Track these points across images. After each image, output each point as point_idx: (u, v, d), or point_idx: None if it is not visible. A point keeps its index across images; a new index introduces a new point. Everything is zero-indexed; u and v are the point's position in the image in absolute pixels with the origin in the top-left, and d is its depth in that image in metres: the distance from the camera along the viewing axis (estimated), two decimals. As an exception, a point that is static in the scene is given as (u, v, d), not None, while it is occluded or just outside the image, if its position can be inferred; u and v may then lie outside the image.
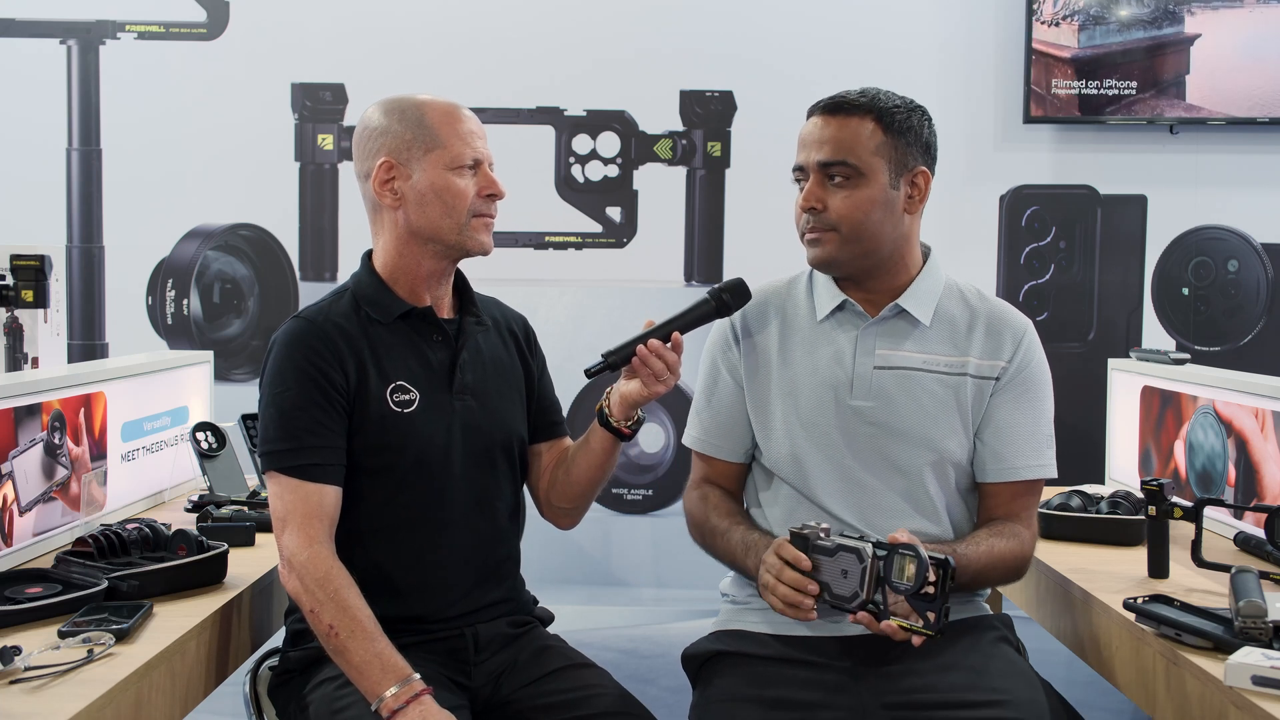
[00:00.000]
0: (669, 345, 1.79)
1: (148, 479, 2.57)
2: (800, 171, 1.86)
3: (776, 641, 1.83)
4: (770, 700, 1.75)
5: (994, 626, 1.86)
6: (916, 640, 1.58)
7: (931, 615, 1.56)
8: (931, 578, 1.55)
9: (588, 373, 1.82)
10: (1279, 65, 3.95)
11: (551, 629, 1.99)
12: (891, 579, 1.58)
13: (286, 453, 1.75)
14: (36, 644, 1.58)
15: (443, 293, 1.90)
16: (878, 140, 1.81)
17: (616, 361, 1.81)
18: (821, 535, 1.64)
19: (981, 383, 1.85)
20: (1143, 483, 2.04)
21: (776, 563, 1.67)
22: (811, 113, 1.87)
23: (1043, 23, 3.98)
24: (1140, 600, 1.76)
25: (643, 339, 1.79)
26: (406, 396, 1.82)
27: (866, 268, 1.86)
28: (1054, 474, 1.89)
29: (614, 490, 4.13)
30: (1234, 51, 3.96)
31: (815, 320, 1.90)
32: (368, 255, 1.90)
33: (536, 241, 4.13)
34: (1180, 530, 2.05)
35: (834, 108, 1.83)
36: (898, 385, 1.84)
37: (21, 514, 2.06)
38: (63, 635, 1.63)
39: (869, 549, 1.59)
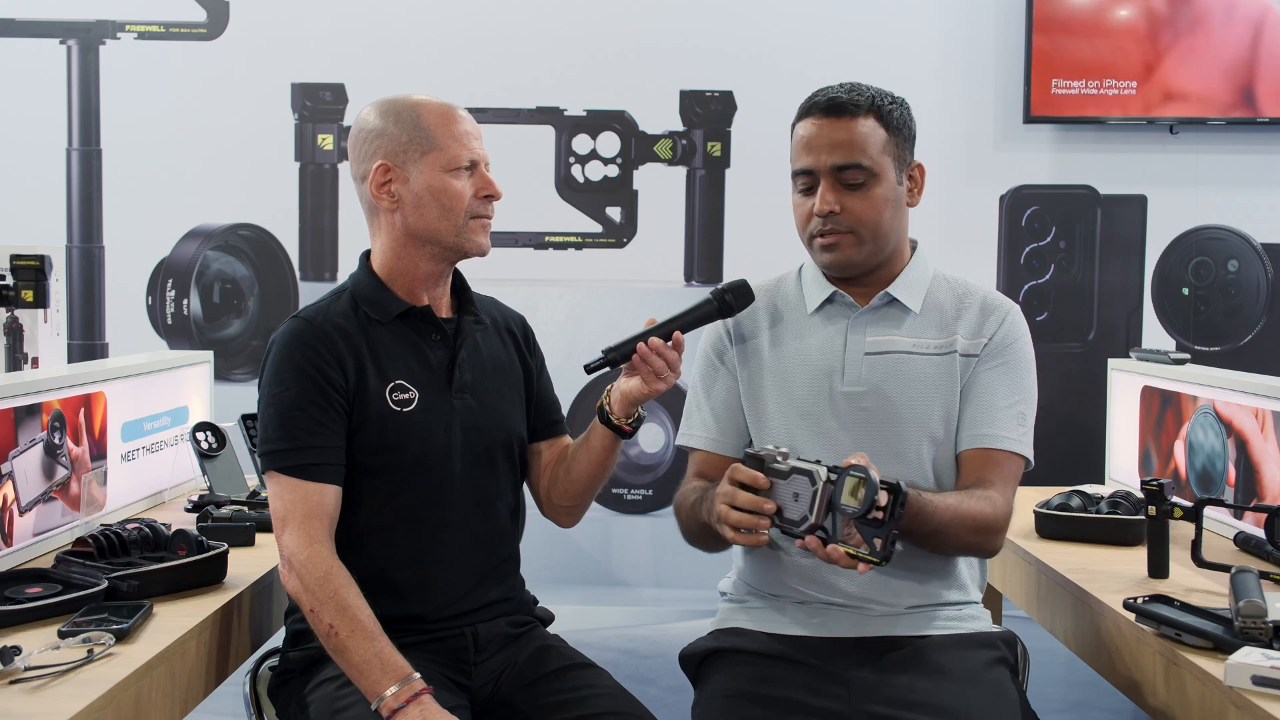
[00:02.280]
0: (670, 343, 1.79)
1: (148, 479, 2.57)
2: (807, 175, 1.84)
3: (771, 640, 1.84)
4: (763, 697, 1.75)
5: (994, 645, 1.84)
6: (862, 568, 1.51)
7: (878, 542, 1.49)
8: (881, 501, 1.49)
9: (587, 368, 1.81)
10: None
11: (551, 629, 1.99)
12: (840, 502, 1.50)
13: (286, 452, 1.75)
14: (36, 644, 1.58)
15: (441, 292, 1.90)
16: (883, 139, 1.82)
17: (616, 358, 1.81)
18: (779, 459, 1.58)
19: (968, 359, 1.86)
20: (1143, 483, 2.04)
21: (730, 488, 1.61)
22: (808, 113, 1.85)
23: None
24: (1140, 600, 1.76)
25: (644, 336, 1.79)
26: (405, 396, 1.82)
27: (873, 265, 1.87)
28: (1028, 454, 1.84)
29: (614, 490, 4.13)
30: None
31: (806, 313, 1.90)
32: (365, 255, 1.90)
33: (536, 241, 4.13)
34: (1180, 530, 2.05)
35: (835, 109, 1.82)
36: (888, 369, 1.84)
37: (21, 514, 2.06)
38: (63, 635, 1.63)
39: (822, 472, 1.53)
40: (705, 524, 1.75)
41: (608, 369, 1.82)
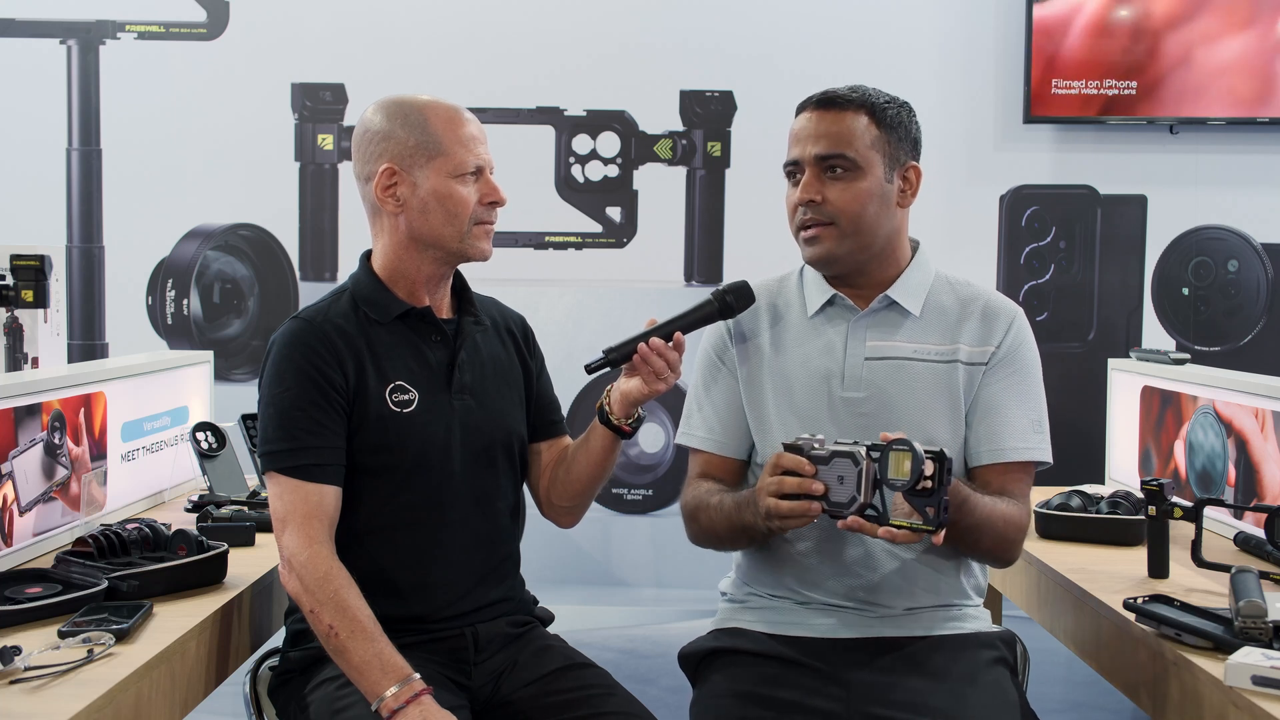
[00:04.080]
0: (670, 344, 1.79)
1: (148, 479, 2.57)
2: (794, 166, 1.85)
3: (772, 640, 1.84)
4: (761, 697, 1.75)
5: (994, 645, 1.84)
6: (913, 537, 1.54)
7: (931, 510, 1.52)
8: (928, 471, 1.52)
9: (588, 368, 1.81)
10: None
11: (551, 629, 1.99)
12: (888, 477, 1.54)
13: (286, 453, 1.75)
14: (36, 644, 1.58)
15: (441, 293, 1.90)
16: (873, 134, 1.81)
17: (617, 358, 1.81)
18: (816, 445, 1.60)
19: (972, 369, 1.85)
20: (1143, 483, 2.04)
21: (775, 478, 1.62)
22: (802, 108, 1.86)
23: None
24: (1140, 600, 1.76)
25: (644, 337, 1.79)
26: (405, 397, 1.82)
27: (861, 263, 1.86)
28: (1047, 458, 1.86)
29: (614, 490, 4.13)
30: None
31: (806, 316, 1.90)
32: (366, 256, 1.90)
33: (536, 241, 4.13)
34: (1180, 530, 2.05)
35: (826, 103, 1.83)
36: (889, 375, 1.84)
37: (21, 514, 2.06)
38: (63, 635, 1.63)
39: (863, 451, 1.56)
40: (742, 526, 1.77)
41: (608, 369, 1.82)
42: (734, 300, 1.85)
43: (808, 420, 1.84)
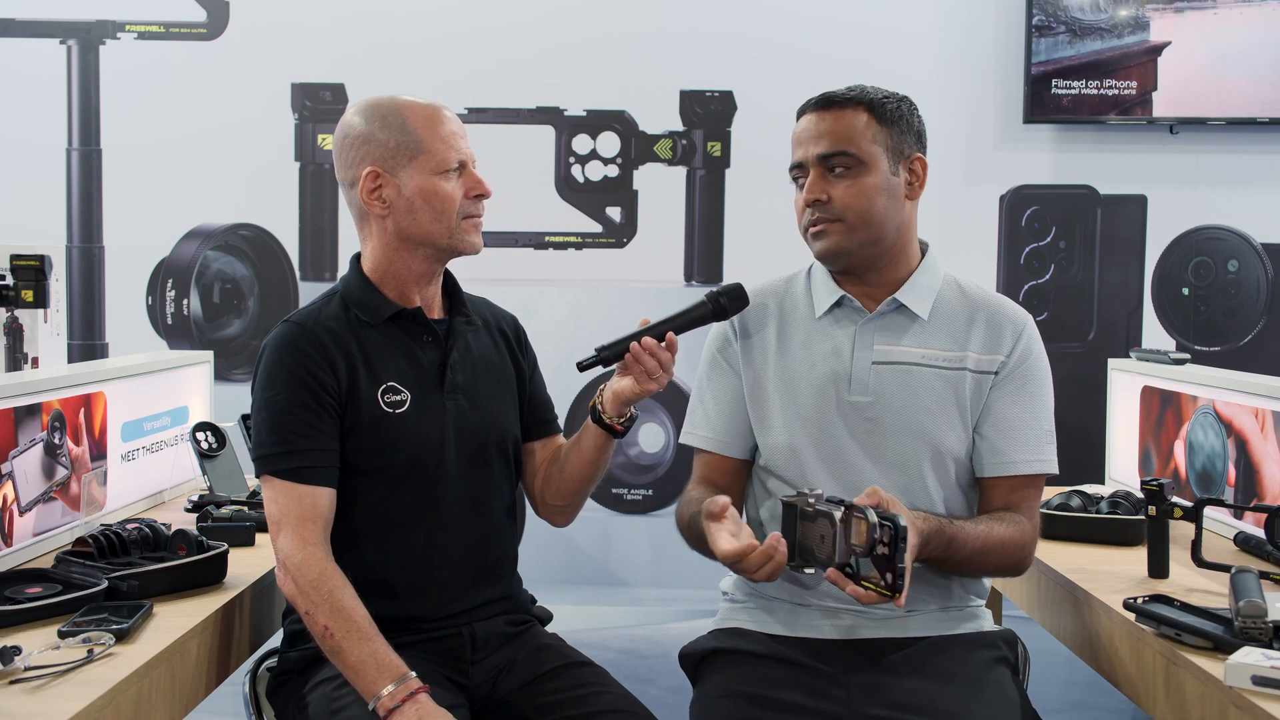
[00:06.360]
0: (663, 344, 1.79)
1: (148, 479, 2.57)
2: (799, 169, 1.86)
3: (772, 641, 1.84)
4: (761, 698, 1.75)
5: (995, 645, 1.84)
6: (877, 598, 1.55)
7: (889, 575, 1.54)
8: (884, 538, 1.54)
9: (580, 365, 1.81)
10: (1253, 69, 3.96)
11: (551, 629, 1.99)
12: (851, 542, 1.56)
13: (278, 456, 1.76)
14: (36, 644, 1.58)
15: (433, 293, 1.90)
16: (873, 130, 1.82)
17: (609, 357, 1.81)
18: (810, 502, 1.61)
19: (981, 377, 1.85)
20: (1143, 483, 2.04)
21: (754, 567, 1.61)
22: (802, 112, 1.87)
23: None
24: (1140, 600, 1.76)
25: (637, 336, 1.79)
26: (398, 398, 1.82)
27: (871, 257, 1.86)
28: (1054, 469, 1.87)
29: (614, 490, 4.13)
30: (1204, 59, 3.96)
31: (814, 317, 1.90)
32: (356, 258, 1.91)
33: (536, 241, 4.13)
34: (1180, 530, 2.05)
35: (825, 103, 1.84)
36: (895, 380, 1.84)
37: (21, 514, 2.06)
38: (63, 635, 1.63)
39: (839, 515, 1.57)
40: (707, 547, 1.75)
41: (600, 367, 1.82)
42: (727, 302, 1.85)
43: (814, 424, 1.84)
